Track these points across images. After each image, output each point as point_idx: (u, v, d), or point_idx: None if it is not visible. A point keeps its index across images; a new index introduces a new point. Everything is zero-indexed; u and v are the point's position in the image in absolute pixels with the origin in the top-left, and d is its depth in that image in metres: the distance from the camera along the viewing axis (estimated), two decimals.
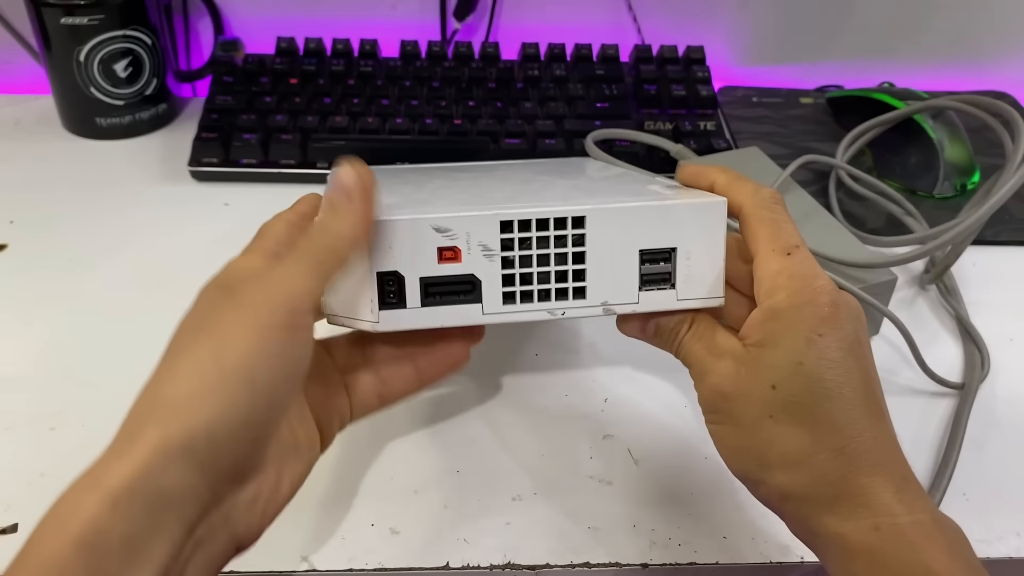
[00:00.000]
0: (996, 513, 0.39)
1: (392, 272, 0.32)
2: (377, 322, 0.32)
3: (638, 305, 0.34)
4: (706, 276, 0.35)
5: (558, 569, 0.36)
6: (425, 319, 0.33)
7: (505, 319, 0.34)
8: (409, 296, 0.33)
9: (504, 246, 0.33)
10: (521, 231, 0.33)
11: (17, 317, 0.47)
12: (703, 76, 0.66)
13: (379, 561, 0.36)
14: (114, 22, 0.59)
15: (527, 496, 0.39)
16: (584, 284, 0.34)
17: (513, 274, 0.33)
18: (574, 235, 0.33)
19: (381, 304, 0.32)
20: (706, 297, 0.35)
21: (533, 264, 0.33)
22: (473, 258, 0.33)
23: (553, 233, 0.33)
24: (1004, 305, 0.51)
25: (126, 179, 0.59)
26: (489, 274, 0.33)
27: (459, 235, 0.32)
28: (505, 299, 0.33)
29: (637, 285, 0.34)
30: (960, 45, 0.74)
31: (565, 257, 0.33)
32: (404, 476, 0.39)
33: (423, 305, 0.33)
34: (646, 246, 0.34)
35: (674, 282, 0.34)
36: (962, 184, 0.60)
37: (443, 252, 0.32)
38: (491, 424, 0.42)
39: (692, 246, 0.34)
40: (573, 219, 0.33)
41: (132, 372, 0.43)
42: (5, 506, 0.37)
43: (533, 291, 0.34)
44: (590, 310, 0.34)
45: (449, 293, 0.33)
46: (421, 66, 0.65)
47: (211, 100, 0.62)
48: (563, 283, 0.34)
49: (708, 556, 0.37)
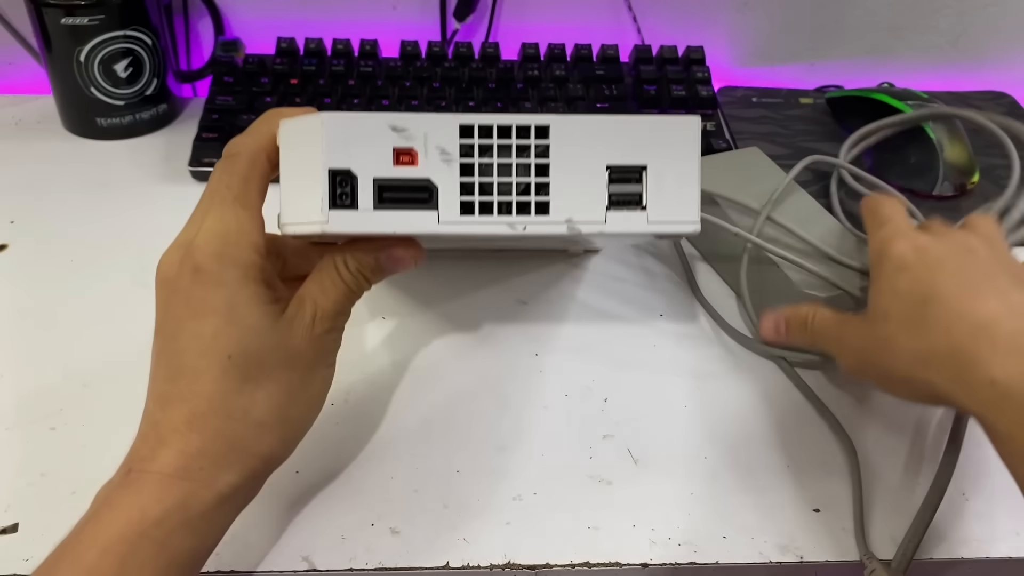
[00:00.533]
0: (996, 513, 0.39)
1: (345, 171, 0.31)
2: (326, 222, 0.31)
3: (605, 226, 0.33)
4: (679, 198, 0.33)
5: (558, 569, 0.36)
6: (377, 223, 0.31)
7: (461, 230, 0.32)
8: (362, 198, 0.31)
9: (464, 153, 0.32)
10: (482, 137, 0.32)
11: (17, 317, 0.47)
12: (703, 76, 0.66)
13: (379, 561, 0.36)
14: (114, 22, 0.59)
15: (527, 496, 0.39)
16: (548, 199, 0.32)
17: (472, 183, 0.32)
18: (538, 145, 0.32)
19: (332, 204, 0.31)
20: (679, 221, 0.33)
21: (494, 174, 0.32)
22: (431, 162, 0.31)
23: (516, 142, 0.32)
24: None
25: (126, 179, 0.59)
26: (447, 181, 0.32)
27: (416, 136, 0.31)
28: (463, 209, 0.32)
29: (605, 204, 0.33)
30: (960, 45, 0.74)
31: (528, 168, 0.32)
32: (404, 476, 0.39)
33: (376, 208, 0.31)
34: (614, 162, 0.33)
35: (645, 204, 0.33)
36: (962, 184, 0.60)
37: (399, 155, 0.31)
38: (491, 424, 0.42)
39: (664, 165, 0.33)
40: (537, 128, 0.32)
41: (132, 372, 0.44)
42: (5, 506, 0.37)
43: (493, 202, 0.32)
44: (554, 227, 0.32)
45: (404, 200, 0.32)
46: (421, 66, 0.65)
47: (211, 100, 0.62)
48: (526, 196, 0.32)
49: (708, 556, 0.37)
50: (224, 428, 0.31)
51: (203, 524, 0.30)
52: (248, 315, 0.31)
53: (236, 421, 0.31)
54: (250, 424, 0.31)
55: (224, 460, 0.31)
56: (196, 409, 0.30)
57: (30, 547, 0.35)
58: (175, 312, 0.31)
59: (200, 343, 0.31)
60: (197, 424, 0.30)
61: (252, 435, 0.31)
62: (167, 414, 0.31)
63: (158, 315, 0.32)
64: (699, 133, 0.33)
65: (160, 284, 0.32)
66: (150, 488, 0.29)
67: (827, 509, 0.39)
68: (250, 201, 0.33)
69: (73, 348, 0.45)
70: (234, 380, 0.31)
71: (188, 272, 0.31)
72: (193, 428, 0.30)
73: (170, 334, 0.32)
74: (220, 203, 0.32)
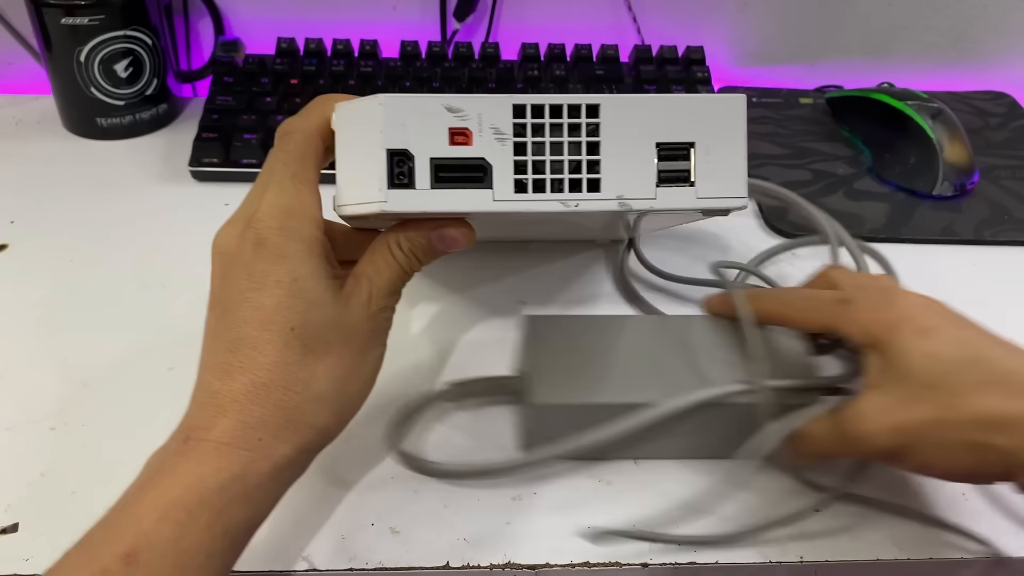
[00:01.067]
0: (996, 513, 0.39)
1: (402, 151, 0.32)
2: (385, 201, 0.32)
3: (655, 201, 0.34)
4: (727, 174, 0.34)
5: (558, 569, 0.36)
6: (434, 202, 0.32)
7: (516, 207, 0.33)
8: (419, 177, 0.32)
9: (517, 132, 0.33)
10: (534, 116, 0.33)
11: (17, 317, 0.47)
12: (703, 76, 0.66)
13: (379, 561, 0.36)
14: (115, 22, 0.59)
15: (527, 496, 0.39)
16: (599, 176, 0.33)
17: (525, 161, 0.33)
18: (588, 124, 0.33)
19: (390, 183, 0.32)
20: (728, 196, 0.34)
21: (546, 152, 0.33)
22: (485, 141, 0.32)
23: (567, 121, 0.33)
24: (1003, 305, 0.51)
25: (126, 179, 0.59)
26: (501, 159, 0.33)
27: (471, 116, 0.32)
28: (517, 187, 0.33)
29: (655, 180, 0.34)
30: (960, 45, 0.74)
31: (579, 147, 0.33)
32: (404, 476, 0.39)
33: (433, 187, 0.32)
34: (663, 139, 0.34)
35: (693, 179, 0.34)
36: (961, 184, 0.60)
37: (455, 134, 0.32)
38: (491, 423, 0.42)
39: (711, 141, 0.34)
40: (588, 107, 0.33)
41: (132, 372, 0.43)
42: (5, 506, 0.37)
43: (546, 180, 0.33)
44: (605, 203, 0.33)
45: (460, 179, 0.33)
46: (421, 66, 0.65)
47: (211, 100, 0.62)
48: (577, 174, 0.33)
49: (708, 556, 0.37)
50: (284, 400, 0.31)
51: (259, 494, 0.30)
52: (311, 288, 0.31)
53: (296, 393, 0.31)
54: (309, 397, 0.31)
55: (282, 432, 0.31)
56: (257, 380, 0.30)
57: (30, 547, 0.35)
58: (236, 284, 0.32)
59: (262, 314, 0.31)
60: (257, 395, 0.30)
61: (311, 408, 0.31)
62: (226, 384, 0.31)
63: (215, 287, 0.32)
64: (744, 109, 0.34)
65: (218, 257, 0.33)
66: (209, 456, 0.29)
67: (827, 509, 0.39)
68: (308, 177, 0.33)
69: (73, 348, 0.45)
70: (296, 352, 0.31)
71: (250, 245, 0.31)
72: (253, 399, 0.30)
73: (230, 306, 0.32)
74: (280, 179, 0.33)
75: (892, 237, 0.56)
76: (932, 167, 0.60)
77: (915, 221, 0.57)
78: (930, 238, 0.56)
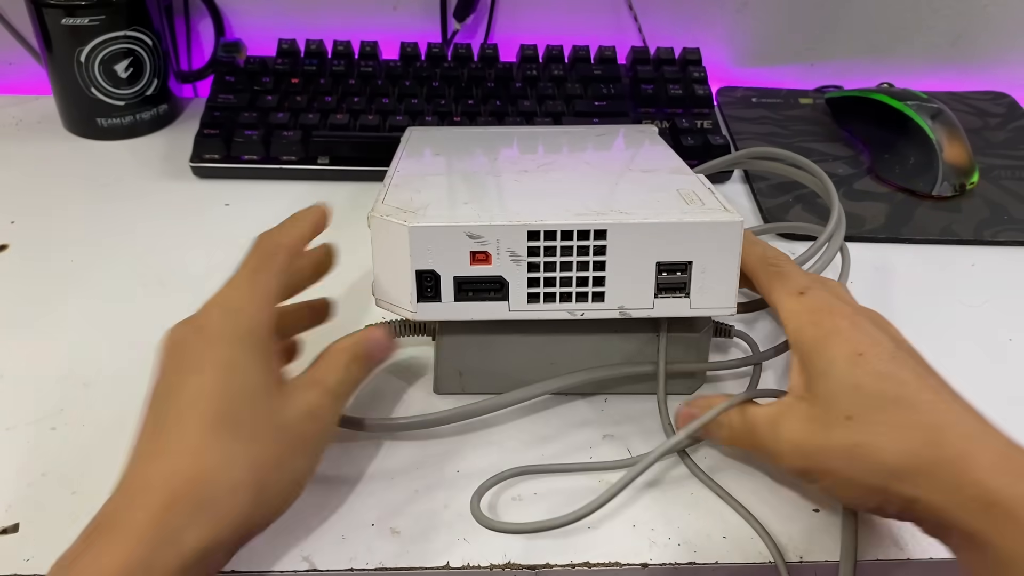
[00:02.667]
0: None
1: (429, 271, 0.37)
2: (415, 312, 0.38)
3: (653, 311, 0.38)
4: (720, 287, 0.37)
5: (558, 569, 0.36)
6: (456, 312, 0.38)
7: (529, 316, 0.38)
8: (444, 292, 0.37)
9: (531, 252, 0.36)
10: (547, 240, 0.36)
11: (17, 317, 0.47)
12: (699, 76, 0.66)
13: (379, 561, 0.36)
14: (115, 23, 0.59)
15: (527, 496, 0.39)
16: (603, 289, 0.37)
17: (538, 277, 0.37)
18: (595, 246, 0.36)
19: (419, 297, 0.37)
20: (719, 307, 0.38)
21: (557, 269, 0.37)
22: (502, 262, 0.36)
23: (576, 243, 0.36)
24: (1003, 305, 0.51)
25: (127, 179, 0.59)
26: (516, 276, 0.37)
27: (490, 242, 0.36)
28: (530, 299, 0.37)
29: (653, 293, 0.37)
30: (960, 45, 0.74)
31: (587, 265, 0.37)
32: (404, 476, 0.39)
33: (456, 300, 0.37)
34: (663, 259, 0.37)
35: (688, 292, 0.37)
36: (961, 184, 0.60)
37: (475, 255, 0.36)
38: (490, 424, 0.42)
39: (708, 260, 0.37)
40: (595, 231, 0.36)
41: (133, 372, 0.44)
42: (5, 506, 0.37)
43: (556, 293, 0.37)
44: (607, 312, 0.38)
45: (480, 291, 0.37)
46: (421, 67, 0.65)
47: (213, 98, 0.62)
48: (584, 287, 0.37)
49: (708, 556, 0.37)
50: (196, 487, 0.29)
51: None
52: (247, 376, 0.32)
53: (210, 480, 0.30)
54: (225, 485, 0.30)
55: (193, 519, 0.29)
56: (174, 465, 0.30)
57: (30, 547, 0.35)
58: (174, 367, 0.32)
59: (192, 395, 0.31)
60: (170, 480, 0.29)
61: (225, 497, 0.30)
62: (143, 468, 0.30)
63: (155, 375, 0.32)
64: (741, 233, 0.37)
65: (165, 347, 0.33)
66: (114, 546, 0.28)
67: (827, 509, 0.39)
68: (264, 279, 0.35)
69: (73, 348, 0.45)
70: (218, 437, 0.30)
71: (193, 330, 0.33)
72: (165, 484, 0.29)
73: (164, 391, 0.32)
74: (237, 277, 0.35)
75: (892, 237, 0.56)
76: (932, 167, 0.60)
77: (915, 221, 0.57)
78: (930, 238, 0.56)
